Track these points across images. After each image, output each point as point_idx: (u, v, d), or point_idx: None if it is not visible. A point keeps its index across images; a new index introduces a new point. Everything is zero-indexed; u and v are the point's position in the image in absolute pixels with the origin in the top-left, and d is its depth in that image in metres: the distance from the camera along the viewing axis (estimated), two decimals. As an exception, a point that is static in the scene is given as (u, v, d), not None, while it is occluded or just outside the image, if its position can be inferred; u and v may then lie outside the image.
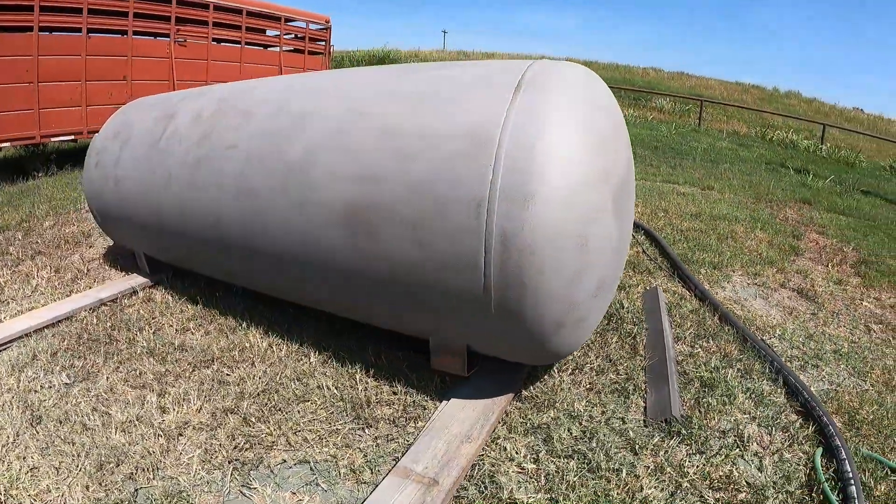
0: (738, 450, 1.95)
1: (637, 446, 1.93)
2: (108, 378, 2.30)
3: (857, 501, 1.63)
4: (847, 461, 1.81)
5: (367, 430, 2.00)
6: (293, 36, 9.24)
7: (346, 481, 1.77)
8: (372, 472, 1.81)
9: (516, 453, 1.89)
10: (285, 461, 1.85)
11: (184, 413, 2.06)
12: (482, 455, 1.88)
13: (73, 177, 5.95)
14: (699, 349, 2.71)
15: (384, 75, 2.13)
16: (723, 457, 1.90)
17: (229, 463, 1.82)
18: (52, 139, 6.14)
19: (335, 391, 2.20)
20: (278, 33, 8.81)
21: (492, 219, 1.60)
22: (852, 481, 1.72)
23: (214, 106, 2.50)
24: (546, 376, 2.36)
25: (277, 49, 8.89)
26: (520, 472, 1.82)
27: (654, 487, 1.74)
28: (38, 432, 1.94)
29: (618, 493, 1.72)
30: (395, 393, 2.21)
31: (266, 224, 2.13)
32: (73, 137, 6.34)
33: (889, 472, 1.88)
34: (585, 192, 1.64)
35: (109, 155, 2.97)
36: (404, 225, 1.75)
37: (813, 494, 1.75)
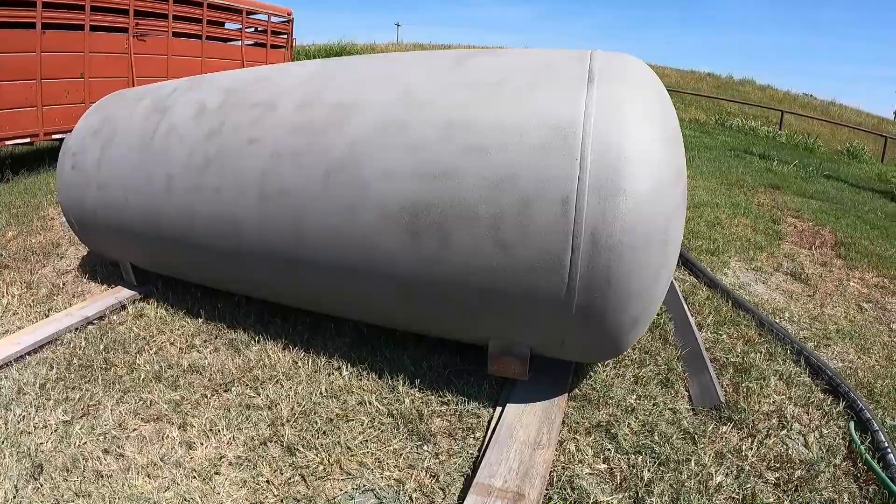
0: (784, 430, 1.97)
1: (695, 436, 1.90)
2: (113, 411, 1.97)
3: None
4: (880, 432, 1.88)
5: (425, 447, 1.81)
6: (254, 29, 8.73)
7: None
8: (445, 494, 1.63)
9: (585, 454, 1.80)
10: (345, 492, 1.63)
11: (214, 447, 1.78)
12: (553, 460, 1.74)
13: (31, 182, 5.29)
14: (724, 335, 2.71)
15: (433, 63, 1.89)
16: (773, 438, 1.91)
17: (282, 502, 1.57)
18: (7, 143, 5.44)
19: (380, 406, 1.98)
20: (240, 27, 8.27)
21: (581, 216, 1.49)
22: (889, 450, 1.79)
23: (220, 97, 2.17)
24: (591, 371, 2.24)
25: (239, 43, 8.36)
26: (592, 474, 1.73)
27: (723, 474, 1.72)
28: (42, 485, 1.61)
29: (693, 484, 1.68)
30: (444, 403, 2.01)
31: (301, 228, 1.86)
32: (28, 140, 5.65)
33: None
34: (668, 188, 1.54)
35: (88, 157, 2.57)
36: (482, 225, 1.58)
37: (857, 465, 1.80)
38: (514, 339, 1.87)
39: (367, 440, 1.81)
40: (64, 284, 3.02)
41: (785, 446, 1.87)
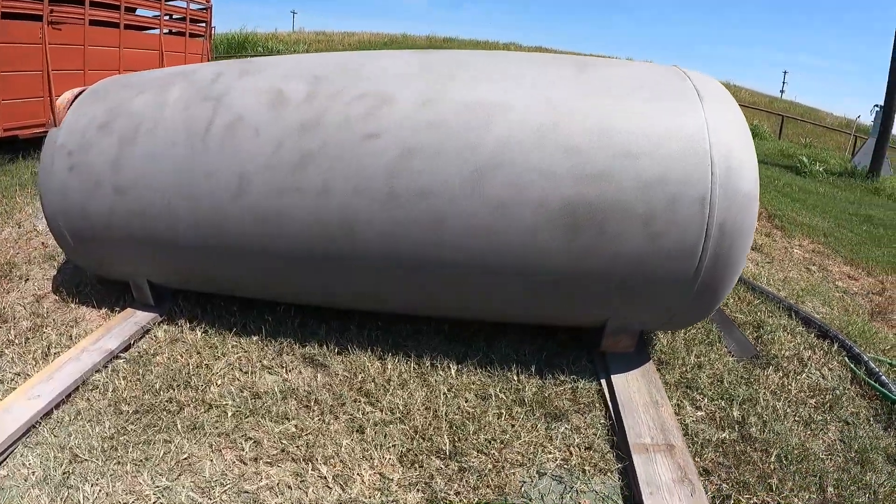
0: (805, 368, 2.26)
1: (750, 379, 2.13)
2: (215, 461, 1.58)
3: (890, 384, 2.11)
4: (870, 362, 2.30)
5: (564, 425, 1.79)
6: (171, 17, 7.50)
7: (596, 477, 1.60)
8: (606, 460, 1.66)
9: (683, 406, 1.94)
10: (524, 481, 1.54)
11: (370, 475, 1.52)
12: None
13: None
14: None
15: (555, 69, 1.86)
16: (802, 374, 2.20)
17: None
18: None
19: (505, 397, 1.88)
20: (158, 14, 7.03)
21: (713, 212, 1.67)
22: (880, 373, 2.21)
23: (307, 86, 1.79)
24: (652, 338, 2.36)
25: (157, 32, 7.10)
26: (696, 421, 1.87)
27: (785, 406, 1.97)
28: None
29: (769, 415, 1.90)
30: (558, 383, 1.99)
31: (443, 229, 1.65)
32: None
33: (890, 367, 2.34)
34: (757, 186, 1.73)
35: (97, 155, 1.98)
36: (635, 220, 1.67)
37: (861, 387, 2.16)
38: (632, 318, 1.94)
39: (514, 430, 1.73)
40: (47, 313, 2.32)
41: (811, 379, 2.17)
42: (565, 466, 1.63)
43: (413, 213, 1.66)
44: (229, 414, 1.75)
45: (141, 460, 1.57)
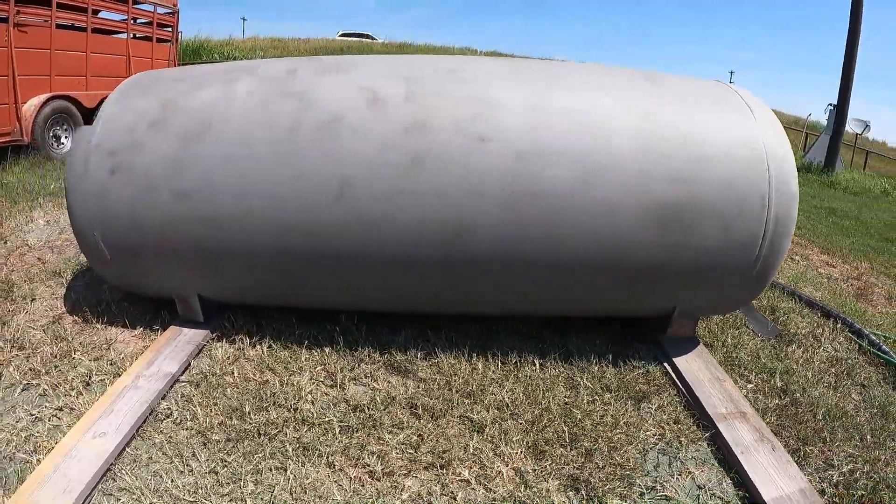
0: (820, 343, 2.58)
1: (781, 355, 2.40)
2: (342, 483, 1.49)
3: (891, 353, 2.48)
4: (870, 335, 2.68)
5: (648, 405, 1.92)
6: (136, 21, 6.88)
7: (690, 446, 1.75)
8: (692, 431, 1.81)
9: (734, 380, 2.14)
10: (638, 457, 1.66)
11: (507, 470, 1.52)
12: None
13: None
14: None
15: (629, 80, 2.00)
16: (819, 349, 2.52)
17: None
18: None
19: (591, 384, 1.97)
20: (125, 17, 6.44)
21: (771, 208, 1.90)
22: (881, 343, 2.60)
23: (403, 87, 1.71)
24: None
25: (125, 36, 6.54)
26: (747, 393, 2.08)
27: (814, 375, 2.25)
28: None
29: (804, 383, 2.17)
30: (632, 369, 2.11)
31: (556, 232, 1.68)
32: None
33: (885, 339, 2.75)
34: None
35: (152, 156, 1.75)
36: (713, 217, 1.84)
37: (867, 355, 2.52)
38: (699, 303, 2.13)
39: (613, 414, 1.82)
40: (69, 336, 1.99)
41: (827, 352, 2.50)
42: (663, 440, 1.76)
43: (528, 216, 1.68)
44: (337, 430, 1.64)
45: (258, 493, 1.42)
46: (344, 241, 1.72)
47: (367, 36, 25.76)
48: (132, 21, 6.55)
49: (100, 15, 6.08)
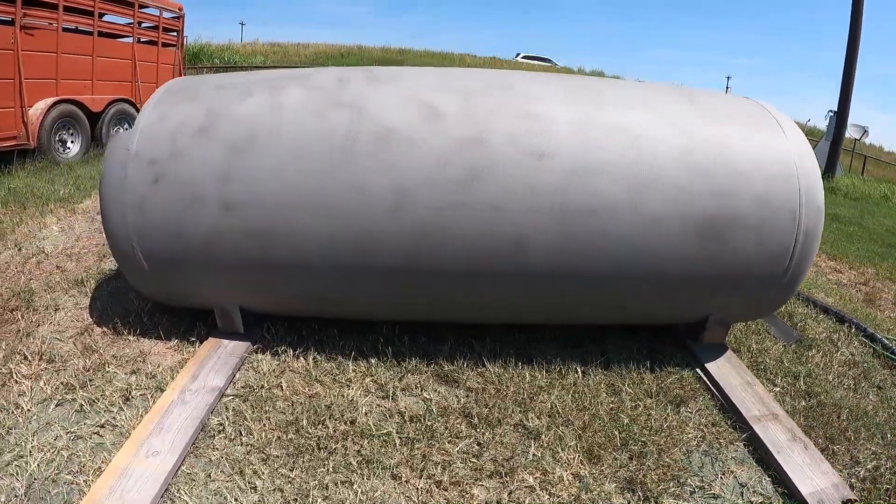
0: (837, 347, 2.68)
1: (803, 359, 2.49)
2: (411, 495, 1.48)
3: None
4: (883, 339, 2.80)
5: (687, 409, 1.97)
6: (140, 24, 6.61)
7: (729, 446, 1.81)
8: (728, 432, 1.88)
9: (763, 383, 2.21)
10: (683, 458, 1.72)
11: (567, 475, 1.55)
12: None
13: None
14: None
15: (669, 97, 2.05)
16: (837, 353, 2.63)
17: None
18: None
19: (632, 390, 2.01)
20: (131, 21, 6.21)
21: (801, 221, 1.98)
22: (893, 347, 2.72)
23: (459, 100, 1.69)
24: None
25: (130, 40, 6.34)
26: (776, 396, 2.15)
27: (834, 378, 2.35)
28: None
29: (826, 386, 2.26)
30: (668, 375, 2.16)
31: (606, 245, 1.72)
32: None
33: None
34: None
35: (198, 166, 1.68)
36: (749, 230, 1.90)
37: (882, 358, 2.64)
38: (732, 311, 2.19)
39: (656, 418, 1.86)
40: (100, 348, 1.90)
41: (845, 356, 2.59)
42: (705, 442, 1.82)
43: (581, 229, 1.70)
44: (397, 442, 1.63)
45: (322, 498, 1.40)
46: (399, 253, 1.69)
47: (547, 60, 25.39)
48: (137, 25, 6.40)
49: (105, 18, 5.95)
